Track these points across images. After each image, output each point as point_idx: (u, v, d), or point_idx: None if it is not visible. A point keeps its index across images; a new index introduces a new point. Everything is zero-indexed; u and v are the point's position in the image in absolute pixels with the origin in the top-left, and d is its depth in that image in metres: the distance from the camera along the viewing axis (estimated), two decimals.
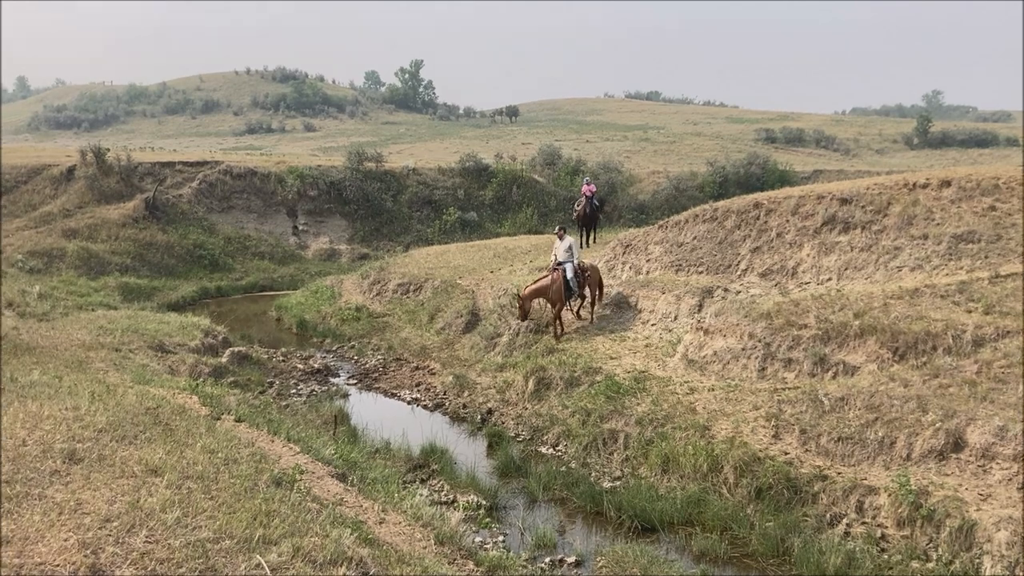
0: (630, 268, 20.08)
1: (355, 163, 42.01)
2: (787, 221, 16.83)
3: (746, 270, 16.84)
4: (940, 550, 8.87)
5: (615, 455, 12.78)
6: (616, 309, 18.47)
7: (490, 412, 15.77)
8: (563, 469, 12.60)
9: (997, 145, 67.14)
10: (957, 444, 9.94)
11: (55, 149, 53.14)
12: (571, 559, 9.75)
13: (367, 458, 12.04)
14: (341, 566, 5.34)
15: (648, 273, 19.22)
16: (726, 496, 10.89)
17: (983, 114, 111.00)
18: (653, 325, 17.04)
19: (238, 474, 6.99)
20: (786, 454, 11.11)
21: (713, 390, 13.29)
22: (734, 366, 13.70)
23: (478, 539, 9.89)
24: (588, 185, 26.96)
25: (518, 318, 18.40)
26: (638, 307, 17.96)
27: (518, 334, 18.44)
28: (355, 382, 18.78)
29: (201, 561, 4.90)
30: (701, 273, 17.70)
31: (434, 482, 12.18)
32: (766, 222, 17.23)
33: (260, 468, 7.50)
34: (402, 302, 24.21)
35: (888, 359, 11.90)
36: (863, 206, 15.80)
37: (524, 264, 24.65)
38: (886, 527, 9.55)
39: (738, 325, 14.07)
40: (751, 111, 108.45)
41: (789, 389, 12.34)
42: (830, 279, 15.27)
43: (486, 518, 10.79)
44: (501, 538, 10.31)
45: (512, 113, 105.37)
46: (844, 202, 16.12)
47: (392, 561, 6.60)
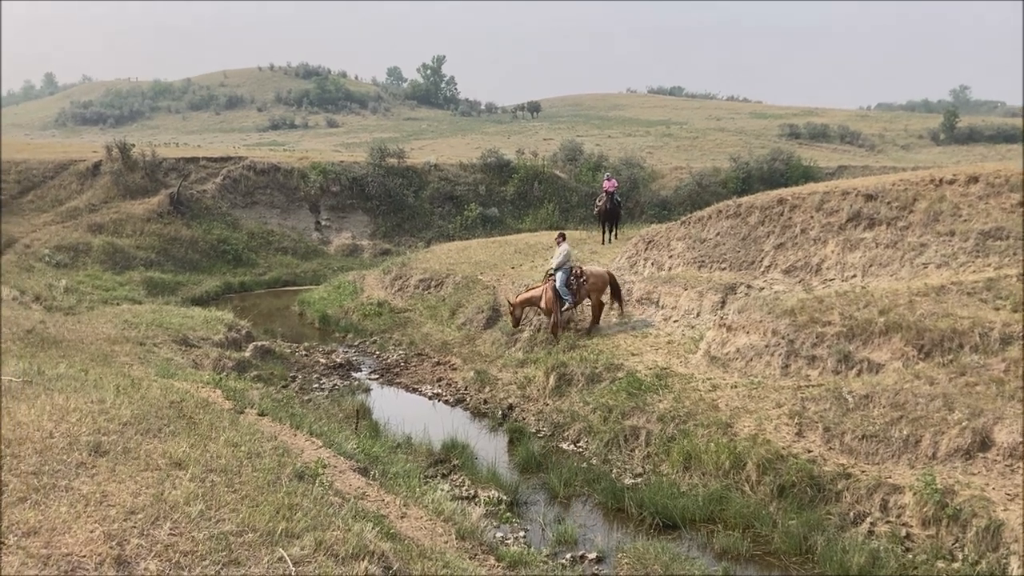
0: (652, 264, 20.00)
1: (377, 159, 42.13)
2: (811, 217, 16.70)
3: (770, 266, 16.72)
4: (966, 550, 8.77)
5: (636, 452, 12.74)
6: (638, 306, 18.40)
7: (511, 408, 15.77)
8: (584, 465, 12.58)
9: None
10: (984, 443, 9.82)
11: (81, 145, 53.68)
12: (592, 555, 9.73)
13: (389, 452, 12.09)
14: (363, 560, 5.35)
15: (670, 269, 19.14)
16: (748, 494, 10.82)
17: (1011, 109, 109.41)
18: (675, 322, 16.96)
19: (261, 467, 7.03)
20: (809, 452, 11.03)
21: (736, 387, 13.21)
22: (757, 363, 13.61)
23: (499, 534, 9.90)
24: (609, 181, 26.86)
25: (511, 324, 18.75)
26: (660, 304, 17.88)
27: (539, 330, 18.42)
28: (377, 377, 18.85)
29: (224, 554, 4.93)
30: (724, 269, 17.60)
31: (455, 477, 12.20)
32: (790, 218, 17.10)
33: (283, 462, 7.54)
34: (423, 298, 24.26)
35: (913, 357, 11.77)
36: (888, 202, 15.64)
37: (545, 260, 24.59)
38: (911, 526, 9.45)
39: (761, 322, 13.97)
40: (775, 106, 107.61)
41: (813, 387, 12.24)
42: (855, 276, 15.13)
43: (507, 513, 10.80)
44: (522, 534, 10.31)
45: (534, 109, 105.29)
46: (869, 198, 15.96)
47: (414, 555, 6.62)
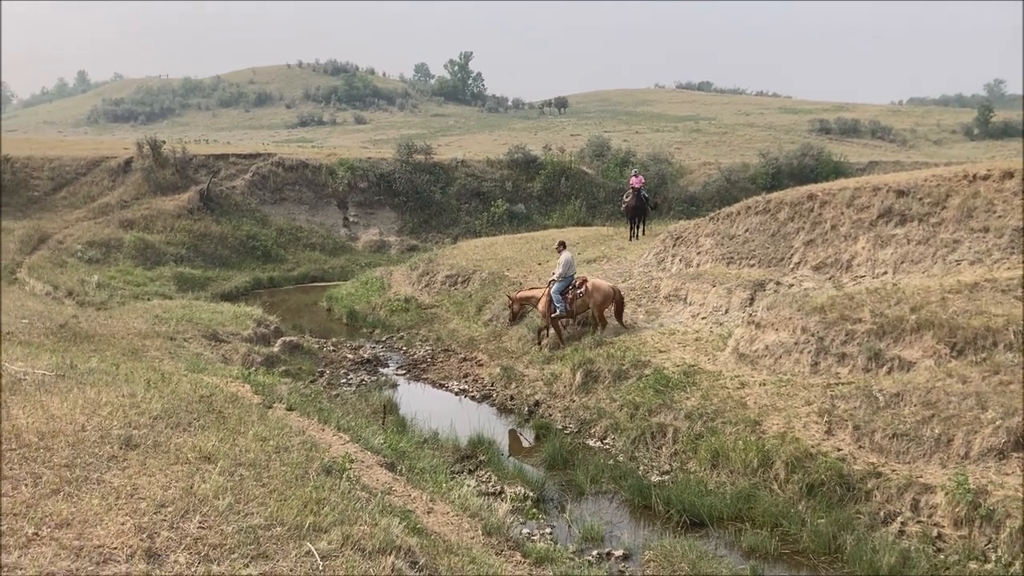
0: (680, 260, 19.89)
1: (404, 155, 42.30)
2: (842, 213, 16.51)
3: (799, 263, 16.57)
4: (999, 551, 8.63)
5: (664, 449, 12.68)
6: (665, 302, 18.31)
7: (537, 404, 15.76)
8: (611, 462, 12.55)
9: None
10: (1018, 443, 9.66)
11: (113, 142, 54.39)
12: (619, 552, 9.70)
13: (415, 448, 12.12)
14: (390, 555, 5.36)
15: (698, 266, 19.02)
16: (777, 492, 10.73)
17: None
18: (703, 318, 16.86)
19: (289, 462, 7.07)
20: (839, 450, 10.91)
21: (764, 385, 13.10)
22: (786, 361, 13.49)
23: (525, 530, 9.89)
24: (637, 177, 26.75)
25: (509, 319, 19.12)
26: (688, 300, 17.78)
27: (566, 326, 18.39)
28: (404, 372, 18.92)
29: (253, 547, 4.96)
30: (753, 266, 17.46)
31: (481, 473, 12.21)
32: (820, 214, 16.93)
33: (311, 456, 7.58)
34: (450, 293, 24.31)
35: (945, 355, 11.60)
36: (920, 198, 15.43)
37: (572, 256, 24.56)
38: (942, 526, 9.32)
39: (790, 319, 13.85)
40: (804, 101, 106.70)
41: (842, 384, 12.11)
42: (886, 273, 14.94)
43: (533, 510, 10.79)
44: (548, 530, 10.30)
45: (561, 104, 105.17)
46: (901, 194, 15.75)
47: (440, 551, 6.63)
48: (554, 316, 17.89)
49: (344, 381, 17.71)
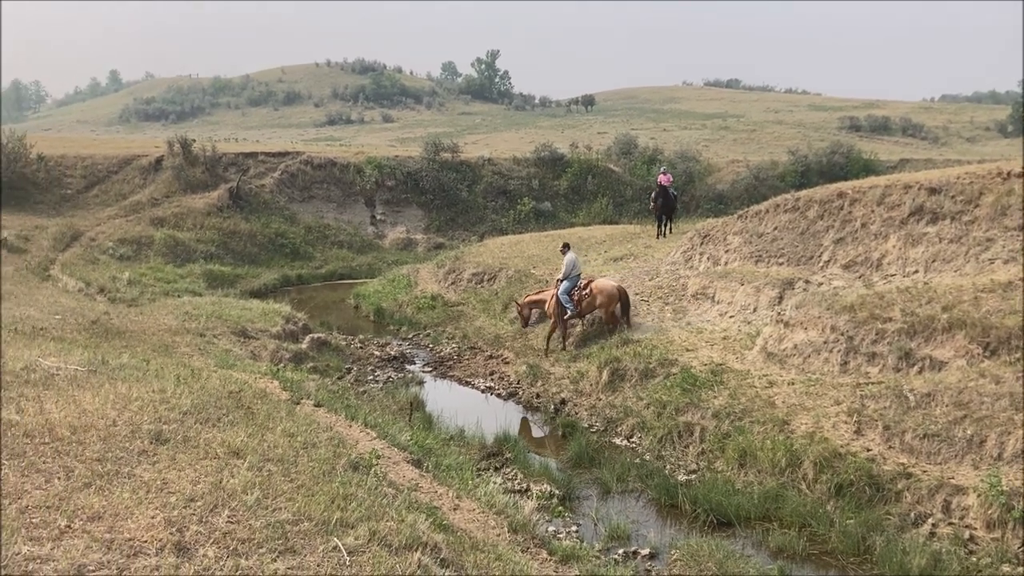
0: (708, 259, 19.77)
1: (431, 153, 42.38)
2: (872, 211, 16.32)
3: (828, 261, 16.40)
4: None
5: (691, 448, 12.62)
6: (693, 301, 18.21)
7: (563, 402, 15.73)
8: (637, 461, 12.51)
9: None
10: None
11: (144, 140, 55.01)
12: (645, 551, 9.66)
13: (442, 445, 12.15)
14: (416, 551, 5.38)
15: (726, 264, 18.89)
16: (805, 492, 10.64)
17: None
18: (731, 317, 16.74)
19: (317, 458, 7.11)
20: (868, 450, 10.80)
21: (793, 384, 12.99)
22: (815, 360, 13.37)
23: (551, 528, 9.89)
24: (665, 175, 26.63)
25: (521, 325, 19.49)
26: (716, 299, 17.67)
27: (592, 324, 18.35)
28: (430, 370, 18.97)
29: (280, 542, 5.00)
30: (782, 264, 17.31)
31: (507, 470, 12.21)
32: (850, 212, 16.74)
33: (338, 452, 7.62)
34: (476, 291, 24.33)
35: (978, 354, 11.43)
36: (953, 196, 15.21)
37: (599, 254, 24.51)
38: (975, 528, 9.20)
39: (820, 318, 13.72)
40: (834, 99, 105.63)
41: (872, 384, 11.98)
42: (917, 271, 14.75)
43: (559, 508, 10.77)
44: (574, 528, 10.28)
45: (588, 102, 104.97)
46: (933, 192, 15.54)
47: (466, 548, 6.64)
48: (566, 318, 18.03)
49: (371, 378, 17.79)
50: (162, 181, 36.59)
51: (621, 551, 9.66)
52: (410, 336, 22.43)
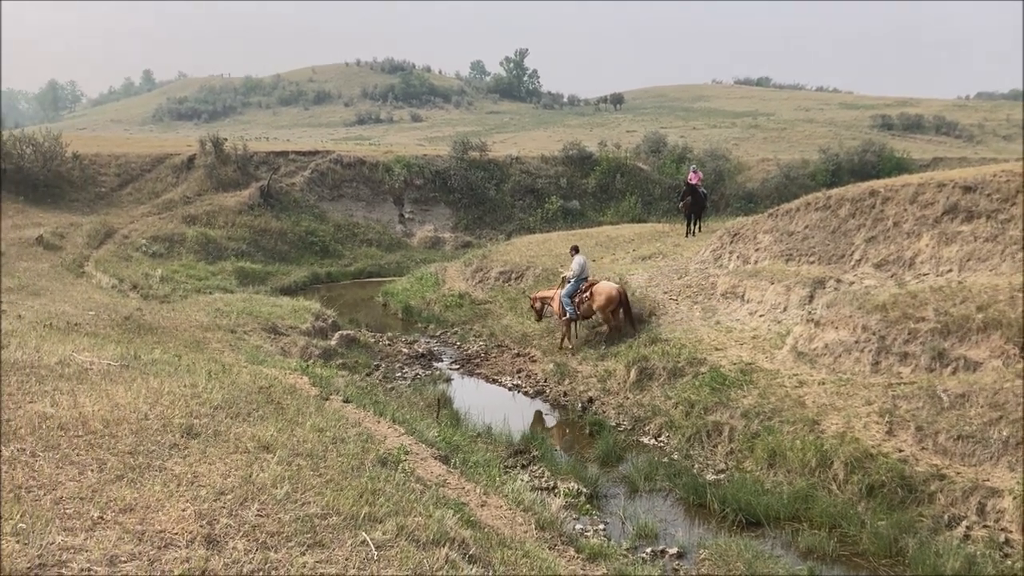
0: (738, 258, 19.61)
1: (460, 152, 42.46)
2: (905, 210, 16.11)
3: (860, 260, 16.21)
4: None
5: (719, 448, 12.54)
6: (722, 300, 18.09)
7: (591, 400, 15.70)
8: (665, 460, 12.45)
9: None
10: None
11: (177, 139, 55.62)
12: (673, 550, 9.61)
13: (469, 442, 12.18)
14: (444, 546, 5.39)
15: (756, 263, 18.74)
16: (835, 493, 10.53)
17: None
18: (761, 316, 16.61)
19: (345, 453, 7.15)
20: (900, 451, 10.66)
21: (823, 384, 12.86)
22: (846, 359, 13.23)
23: (578, 526, 9.88)
24: (694, 173, 26.46)
25: (534, 318, 19.83)
26: (745, 298, 17.53)
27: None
28: (457, 367, 19.01)
29: (309, 536, 5.03)
30: (812, 263, 17.14)
31: (534, 468, 12.20)
32: (882, 211, 16.54)
33: (366, 448, 7.66)
34: (504, 290, 24.34)
35: (1014, 355, 11.25)
36: (988, 194, 14.96)
37: (627, 253, 24.42)
38: (1010, 531, 9.05)
39: (851, 317, 13.57)
40: (866, 97, 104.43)
41: (904, 384, 11.83)
42: (950, 270, 14.54)
43: (586, 506, 10.75)
44: (602, 526, 10.26)
45: (617, 101, 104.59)
46: (967, 190, 15.30)
47: (493, 544, 6.64)
48: (564, 319, 18.30)
49: (399, 375, 17.86)
50: (194, 179, 36.97)
51: (649, 550, 9.62)
52: (438, 334, 22.49)
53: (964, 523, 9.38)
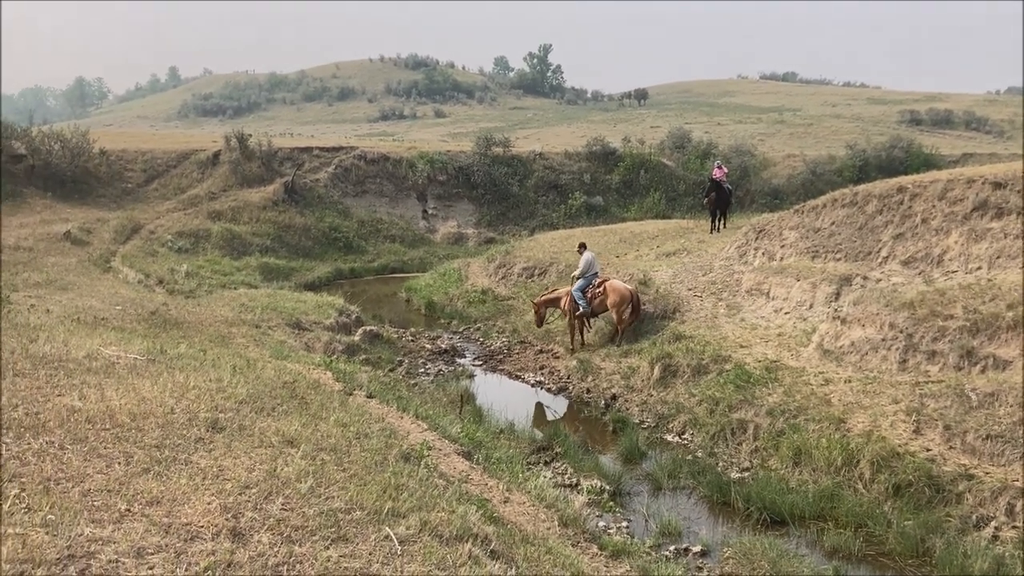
0: (763, 254, 19.48)
1: (483, 148, 42.46)
2: (933, 206, 15.91)
3: (887, 257, 16.04)
4: None
5: (744, 446, 12.45)
6: (747, 297, 17.97)
7: (614, 397, 15.65)
8: (689, 458, 12.38)
9: None
10: None
11: (202, 135, 56.05)
12: (697, 548, 9.56)
13: (492, 438, 12.18)
14: (467, 542, 5.39)
15: (782, 259, 18.59)
16: (861, 492, 10.43)
17: None
18: (786, 313, 16.48)
19: (369, 448, 7.17)
20: (928, 450, 10.54)
21: (850, 382, 12.74)
22: (873, 357, 13.09)
23: (602, 523, 9.84)
24: (719, 169, 26.30)
25: (536, 324, 19.66)
26: (771, 295, 17.40)
27: (643, 320, 18.21)
28: (480, 363, 19.02)
29: (333, 530, 5.05)
30: (839, 260, 16.98)
31: (557, 464, 12.18)
32: (910, 207, 16.35)
33: (390, 443, 7.68)
34: (527, 286, 24.32)
35: None
36: (1019, 190, 14.74)
37: (650, 249, 24.32)
38: None
39: (878, 315, 13.43)
40: (894, 92, 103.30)
41: (932, 383, 11.69)
42: (980, 268, 14.35)
43: (610, 503, 10.72)
44: (625, 524, 10.22)
45: (641, 96, 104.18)
46: (997, 186, 15.08)
47: (516, 540, 6.63)
48: (578, 314, 18.38)
49: (422, 370, 17.90)
50: (219, 175, 37.26)
51: (672, 548, 9.57)
52: (461, 330, 22.52)
53: (993, 524, 9.25)
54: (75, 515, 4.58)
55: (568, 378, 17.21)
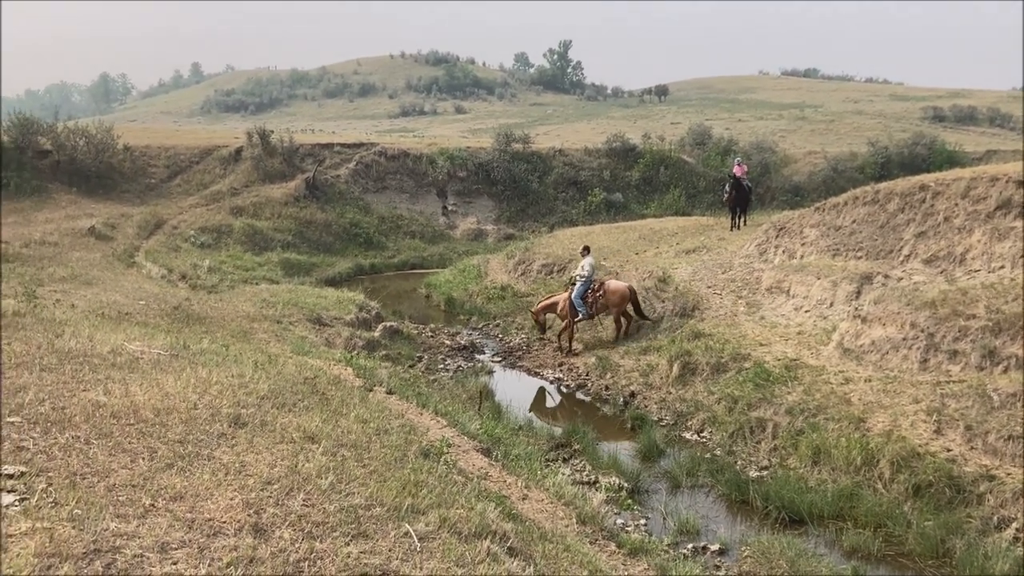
0: (783, 252, 19.39)
1: (503, 145, 42.42)
2: (956, 205, 15.78)
3: (909, 256, 15.93)
4: None
5: (762, 444, 12.43)
6: (767, 295, 17.90)
7: (633, 395, 15.65)
8: (707, 456, 12.38)
9: None
10: None
11: (224, 131, 56.32)
12: (715, 547, 9.57)
13: (510, 434, 12.21)
14: (486, 539, 5.42)
15: (802, 257, 18.51)
16: (881, 492, 10.39)
17: None
18: (807, 312, 16.40)
19: (389, 444, 7.21)
20: (948, 451, 10.48)
21: (870, 381, 12.68)
22: (893, 357, 13.02)
23: (620, 521, 9.87)
24: (739, 166, 26.18)
25: (537, 331, 19.89)
26: (791, 293, 17.33)
27: (662, 318, 18.19)
28: (499, 359, 19.06)
29: (353, 526, 5.09)
30: (860, 258, 16.88)
31: (576, 462, 12.21)
32: (932, 205, 16.22)
33: (409, 439, 7.72)
34: (546, 282, 24.32)
35: None
36: None
37: (670, 246, 24.26)
38: None
39: (899, 314, 13.35)
40: (917, 88, 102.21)
41: (954, 383, 11.62)
42: (1003, 267, 14.22)
43: (628, 500, 10.74)
44: (643, 521, 10.24)
45: (661, 92, 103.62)
46: (1021, 184, 14.95)
47: (535, 537, 6.66)
48: (577, 320, 18.64)
49: (442, 367, 17.97)
50: (241, 171, 37.48)
51: (690, 546, 9.58)
52: (480, 326, 22.57)
53: (1014, 525, 9.19)
54: (100, 510, 4.65)
55: (587, 375, 17.21)
